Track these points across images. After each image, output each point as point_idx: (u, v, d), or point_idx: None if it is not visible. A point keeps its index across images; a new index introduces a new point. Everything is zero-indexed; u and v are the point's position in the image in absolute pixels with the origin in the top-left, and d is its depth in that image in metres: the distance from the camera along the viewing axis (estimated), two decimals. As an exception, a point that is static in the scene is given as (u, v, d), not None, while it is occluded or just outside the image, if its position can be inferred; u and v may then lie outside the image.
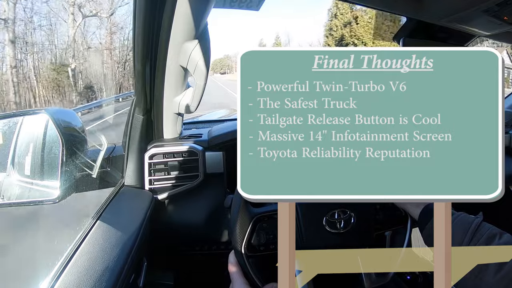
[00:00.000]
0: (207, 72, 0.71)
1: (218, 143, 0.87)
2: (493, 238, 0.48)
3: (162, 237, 0.86)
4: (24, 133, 0.70)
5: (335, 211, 0.63)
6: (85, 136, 0.71)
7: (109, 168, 0.83)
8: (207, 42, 0.69)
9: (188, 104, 0.79)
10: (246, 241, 0.63)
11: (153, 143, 0.84)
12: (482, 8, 0.81)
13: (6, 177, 0.71)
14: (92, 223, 0.63)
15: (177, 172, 0.83)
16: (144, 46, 0.67)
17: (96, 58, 17.89)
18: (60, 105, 16.57)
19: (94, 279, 0.50)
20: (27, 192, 0.68)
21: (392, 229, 0.72)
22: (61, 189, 0.62)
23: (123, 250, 0.58)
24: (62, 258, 0.53)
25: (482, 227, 0.50)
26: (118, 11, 18.12)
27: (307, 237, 0.62)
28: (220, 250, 0.89)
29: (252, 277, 0.62)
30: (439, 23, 0.94)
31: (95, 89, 17.32)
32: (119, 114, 10.25)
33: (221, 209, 0.85)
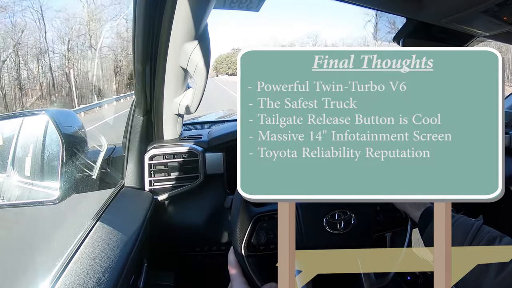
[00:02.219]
0: (207, 73, 0.71)
1: (218, 144, 0.87)
2: (493, 241, 0.48)
3: (162, 238, 0.86)
4: (24, 134, 0.70)
5: (335, 211, 0.62)
6: (85, 137, 0.71)
7: (109, 169, 0.83)
8: (207, 43, 0.70)
9: (188, 105, 0.80)
10: (246, 240, 0.63)
11: (153, 144, 0.84)
12: (481, 8, 0.81)
13: (6, 178, 0.70)
14: (92, 224, 0.63)
15: (177, 173, 0.83)
16: (144, 47, 0.67)
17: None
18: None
19: (94, 280, 0.50)
20: (27, 193, 0.68)
21: (392, 230, 0.72)
22: (61, 190, 0.62)
23: (123, 251, 0.58)
24: (62, 259, 0.53)
25: (482, 230, 0.50)
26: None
27: (307, 238, 0.62)
28: (220, 251, 0.89)
29: (252, 276, 0.62)
30: (439, 23, 0.94)
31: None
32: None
33: (221, 210, 0.85)
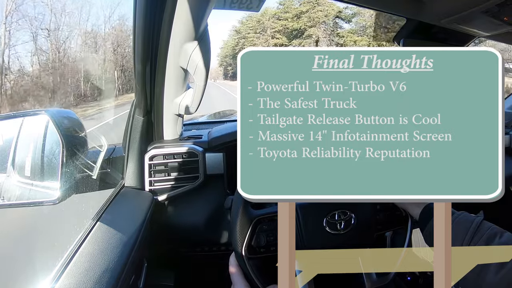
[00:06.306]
0: (207, 73, 0.71)
1: (218, 144, 0.87)
2: (493, 237, 0.48)
3: (162, 238, 0.85)
4: (25, 134, 0.70)
5: (335, 212, 0.62)
6: (85, 137, 0.71)
7: (109, 169, 0.83)
8: (207, 43, 0.70)
9: (188, 105, 0.80)
10: (246, 243, 0.63)
11: (153, 144, 0.84)
12: (482, 8, 0.81)
13: (6, 178, 0.70)
14: (92, 224, 0.62)
15: (177, 173, 0.83)
16: (144, 47, 0.67)
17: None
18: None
19: (94, 280, 0.50)
20: (27, 193, 0.68)
21: (392, 229, 0.72)
22: (61, 190, 0.62)
23: (123, 251, 0.58)
24: (62, 259, 0.53)
25: (483, 226, 0.50)
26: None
27: (307, 239, 0.62)
28: (220, 251, 0.89)
29: (253, 279, 0.62)
30: (439, 24, 0.94)
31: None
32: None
33: (221, 210, 0.85)
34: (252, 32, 30.92)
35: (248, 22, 31.02)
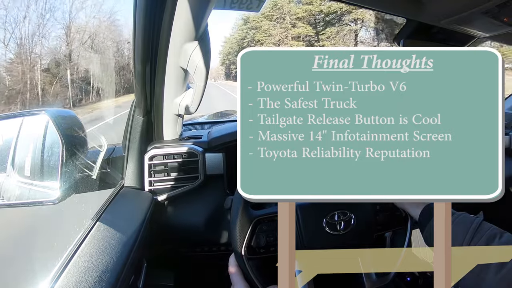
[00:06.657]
0: (207, 73, 0.71)
1: (218, 144, 0.87)
2: (493, 238, 0.48)
3: (162, 238, 0.85)
4: (24, 134, 0.70)
5: (335, 212, 0.62)
6: (85, 137, 0.71)
7: (109, 169, 0.83)
8: (207, 43, 0.70)
9: (188, 105, 0.80)
10: (246, 243, 0.63)
11: (153, 144, 0.84)
12: (482, 9, 0.81)
13: (6, 178, 0.70)
14: (92, 224, 0.62)
15: (177, 173, 0.83)
16: (144, 47, 0.67)
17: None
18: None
19: (93, 280, 0.50)
20: (27, 193, 0.68)
21: (392, 230, 0.72)
22: (61, 190, 0.62)
23: (122, 251, 0.58)
24: (61, 259, 0.53)
25: (483, 226, 0.50)
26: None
27: (307, 240, 0.62)
28: (220, 252, 0.89)
29: (252, 279, 0.62)
30: (439, 24, 0.94)
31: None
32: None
33: (221, 211, 0.85)
34: (266, 20, 24.33)
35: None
